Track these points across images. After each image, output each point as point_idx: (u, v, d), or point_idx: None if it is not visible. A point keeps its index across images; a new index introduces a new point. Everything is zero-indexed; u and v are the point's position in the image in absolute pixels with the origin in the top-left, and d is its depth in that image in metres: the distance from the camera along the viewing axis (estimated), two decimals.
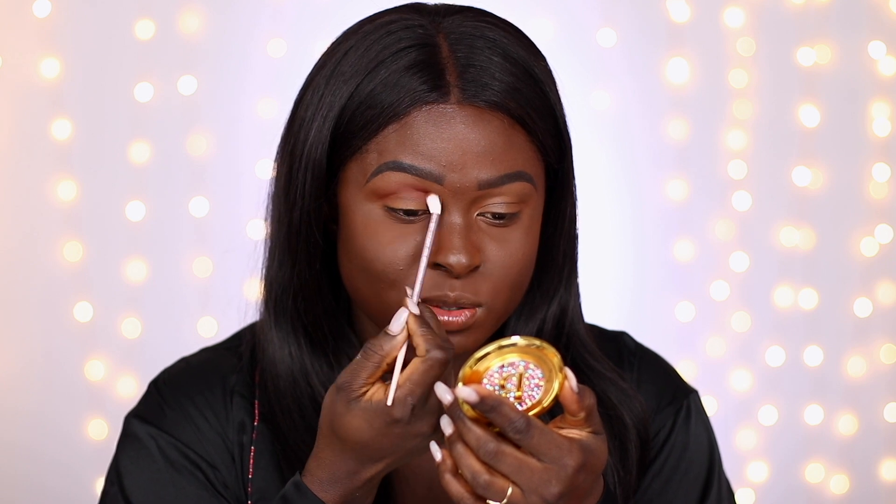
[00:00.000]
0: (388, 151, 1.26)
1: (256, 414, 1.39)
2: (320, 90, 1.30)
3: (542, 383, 1.18)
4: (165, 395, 1.40)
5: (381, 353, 1.21)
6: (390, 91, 1.26)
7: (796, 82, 2.89)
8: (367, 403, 1.21)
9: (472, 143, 1.25)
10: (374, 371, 1.21)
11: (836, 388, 2.95)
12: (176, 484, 1.35)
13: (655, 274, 2.92)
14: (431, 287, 1.26)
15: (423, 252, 1.23)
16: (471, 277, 1.27)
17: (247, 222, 2.75)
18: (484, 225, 1.28)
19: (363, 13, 1.37)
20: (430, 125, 1.25)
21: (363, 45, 1.29)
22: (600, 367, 1.41)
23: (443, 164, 1.25)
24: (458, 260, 1.25)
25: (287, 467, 1.36)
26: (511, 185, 1.27)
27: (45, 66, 2.76)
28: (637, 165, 2.90)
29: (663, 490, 1.43)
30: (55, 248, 2.79)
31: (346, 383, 1.21)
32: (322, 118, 1.29)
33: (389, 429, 1.20)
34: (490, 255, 1.28)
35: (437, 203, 1.25)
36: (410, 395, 1.20)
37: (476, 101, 1.26)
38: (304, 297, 1.34)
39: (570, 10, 2.85)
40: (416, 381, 1.19)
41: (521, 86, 1.27)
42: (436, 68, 1.26)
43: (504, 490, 1.16)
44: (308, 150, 1.29)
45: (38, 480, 2.81)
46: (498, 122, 1.26)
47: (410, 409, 1.19)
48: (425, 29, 1.29)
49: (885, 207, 2.93)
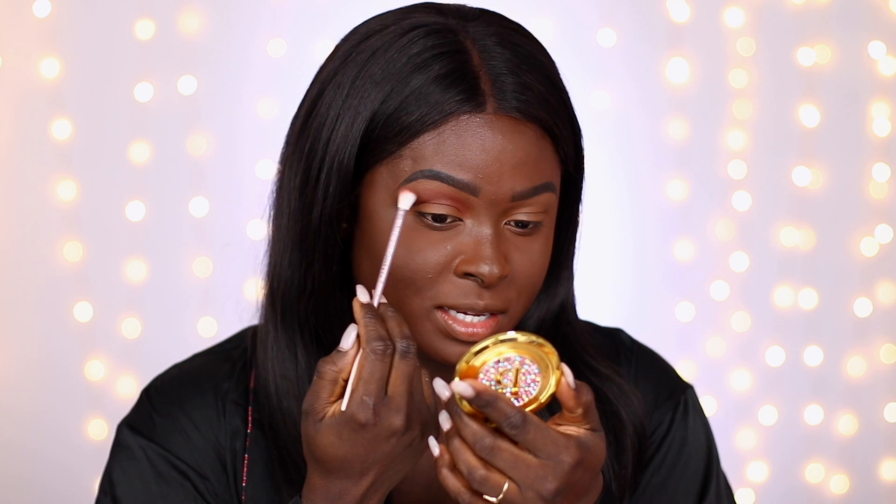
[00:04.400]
0: (424, 159, 1.26)
1: (250, 421, 1.38)
2: (344, 89, 1.29)
3: (539, 379, 1.19)
4: (156, 405, 1.39)
5: (335, 370, 1.21)
6: (426, 99, 1.26)
7: (796, 82, 2.89)
8: (331, 419, 1.20)
9: (507, 154, 1.26)
10: (333, 389, 1.21)
11: (836, 388, 2.95)
12: (166, 495, 1.35)
13: (655, 274, 2.92)
14: (461, 295, 1.27)
15: (389, 248, 1.23)
16: (499, 286, 1.28)
17: (247, 222, 2.75)
18: (509, 234, 1.29)
19: (363, 13, 1.37)
20: (467, 136, 1.26)
21: (392, 48, 1.28)
22: (597, 363, 1.41)
23: (480, 176, 1.25)
24: (491, 270, 1.26)
25: (283, 473, 1.36)
26: (540, 196, 1.28)
27: (45, 66, 2.76)
28: (637, 165, 2.90)
29: (664, 485, 1.43)
30: (55, 248, 2.79)
31: (309, 406, 1.21)
32: (350, 119, 1.28)
33: (360, 435, 1.20)
34: (515, 263, 1.29)
35: (409, 200, 1.25)
36: (366, 394, 1.19)
37: (511, 111, 1.26)
38: (317, 298, 1.33)
39: (570, 10, 2.85)
40: (365, 378, 1.19)
41: (548, 96, 1.28)
42: (470, 77, 1.26)
43: (500, 485, 1.16)
44: (334, 151, 1.29)
45: (38, 480, 2.81)
46: (532, 133, 1.27)
47: (371, 407, 1.19)
48: (454, 34, 1.29)
49: (885, 207, 2.93)
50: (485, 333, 1.28)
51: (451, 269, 1.27)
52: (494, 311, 1.28)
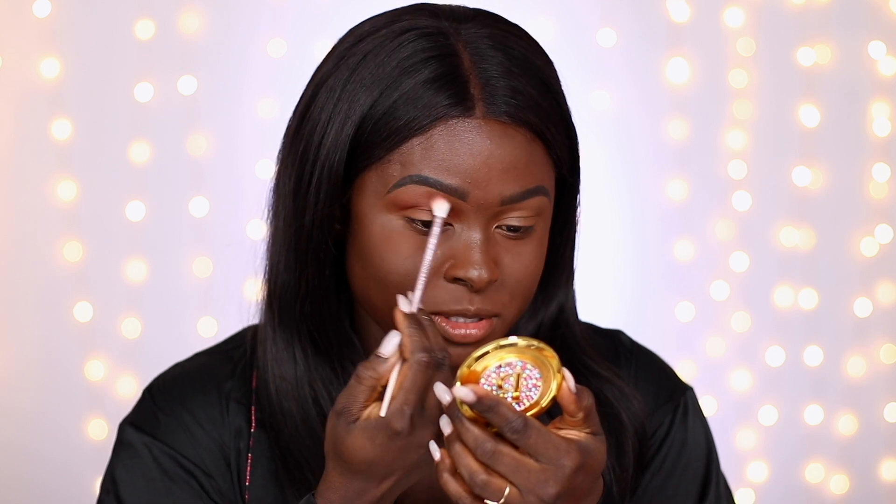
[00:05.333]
0: (412, 164, 1.26)
1: (253, 420, 1.38)
2: (336, 93, 1.29)
3: (540, 384, 1.19)
4: (160, 402, 1.39)
5: (375, 376, 1.20)
6: (415, 103, 1.26)
7: (796, 82, 2.89)
8: (365, 423, 1.20)
9: (496, 159, 1.25)
10: (371, 394, 1.21)
11: (836, 388, 2.95)
12: (170, 493, 1.35)
13: (655, 274, 2.92)
14: (451, 301, 1.27)
15: (426, 255, 1.23)
16: (489, 290, 1.27)
17: (247, 222, 2.75)
18: (500, 238, 1.28)
19: (363, 13, 1.36)
20: (456, 140, 1.25)
21: (383, 52, 1.28)
22: (597, 365, 1.41)
23: (468, 181, 1.25)
24: (480, 275, 1.25)
25: (286, 473, 1.35)
26: (530, 199, 1.27)
27: (45, 66, 2.76)
28: (637, 165, 2.90)
29: (663, 487, 1.43)
30: (55, 248, 2.79)
31: (344, 408, 1.21)
32: (340, 123, 1.28)
33: (392, 442, 1.20)
34: (506, 267, 1.28)
35: (444, 207, 1.25)
36: (406, 403, 1.19)
37: (500, 116, 1.26)
38: (311, 302, 1.33)
39: (570, 10, 2.85)
40: (407, 388, 1.19)
41: (540, 99, 1.28)
42: (459, 81, 1.26)
43: (501, 490, 1.16)
44: (324, 155, 1.29)
45: (38, 480, 2.81)
46: (521, 137, 1.27)
47: (409, 418, 1.19)
48: (446, 37, 1.28)
49: (885, 207, 2.93)
50: (478, 334, 1.28)
51: (441, 273, 1.27)
52: (486, 315, 1.28)
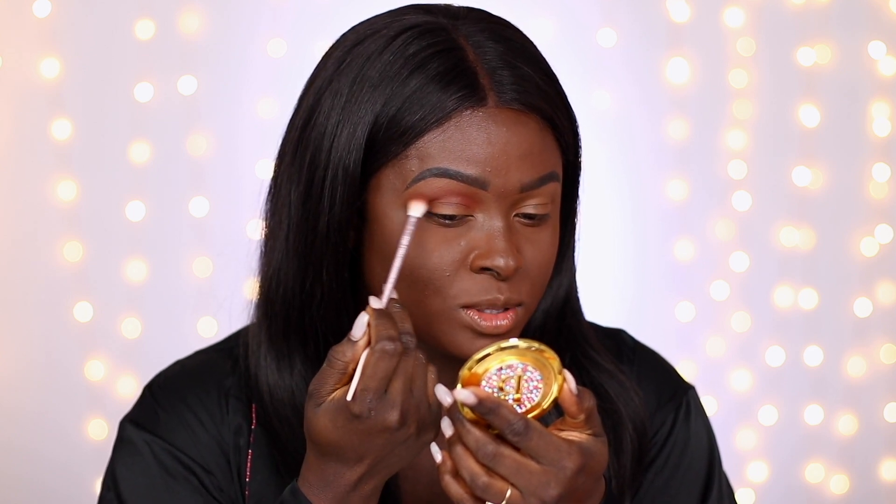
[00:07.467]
0: (430, 158, 1.26)
1: (253, 417, 1.38)
2: (342, 96, 1.29)
3: (541, 386, 1.19)
4: (160, 399, 1.39)
5: (345, 360, 1.21)
6: (427, 98, 1.26)
7: (796, 82, 2.90)
8: (328, 404, 1.21)
9: (513, 146, 1.27)
10: (340, 378, 1.22)
11: (836, 388, 2.95)
12: (171, 490, 1.35)
13: (655, 274, 2.92)
14: (481, 291, 1.27)
15: (398, 253, 1.23)
16: (514, 279, 1.28)
17: (247, 222, 2.75)
18: (518, 226, 1.29)
19: (363, 13, 1.37)
20: (473, 130, 1.26)
21: (388, 51, 1.28)
22: (600, 358, 1.42)
23: (488, 170, 1.26)
24: (507, 263, 1.26)
25: (286, 471, 1.36)
26: (546, 186, 1.29)
27: (45, 66, 2.76)
28: (637, 165, 2.90)
29: (666, 486, 1.44)
30: (55, 248, 2.79)
31: (314, 391, 1.22)
32: (353, 125, 1.28)
33: (353, 425, 1.20)
34: (527, 255, 1.29)
35: (420, 208, 1.25)
36: (365, 388, 1.20)
37: (512, 104, 1.27)
38: (326, 307, 1.33)
39: (570, 10, 2.85)
40: (368, 374, 1.20)
41: (546, 86, 1.29)
42: (468, 73, 1.27)
43: (503, 492, 1.16)
44: (338, 158, 1.28)
45: (38, 480, 2.81)
46: (533, 124, 1.28)
47: (367, 401, 1.20)
48: (447, 32, 1.29)
49: (885, 207, 2.93)
50: (507, 325, 1.28)
51: (467, 265, 1.27)
52: (512, 304, 1.28)
